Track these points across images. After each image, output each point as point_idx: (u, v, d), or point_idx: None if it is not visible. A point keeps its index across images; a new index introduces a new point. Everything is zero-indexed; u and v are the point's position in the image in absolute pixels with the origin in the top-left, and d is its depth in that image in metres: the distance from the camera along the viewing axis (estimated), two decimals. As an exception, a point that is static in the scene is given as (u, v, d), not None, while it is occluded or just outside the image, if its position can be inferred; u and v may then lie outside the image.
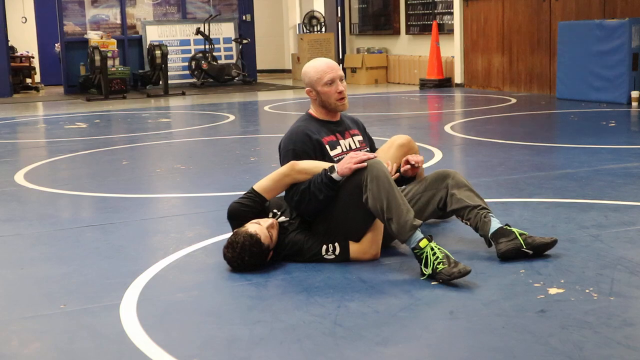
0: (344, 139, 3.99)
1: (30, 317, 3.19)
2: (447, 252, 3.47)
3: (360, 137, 4.08)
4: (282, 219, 3.82)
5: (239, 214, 3.80)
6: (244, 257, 3.59)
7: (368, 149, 4.08)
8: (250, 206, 3.80)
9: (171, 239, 4.34)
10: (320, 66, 3.91)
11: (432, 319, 3.01)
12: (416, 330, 2.92)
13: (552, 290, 3.25)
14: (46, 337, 2.98)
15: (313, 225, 3.83)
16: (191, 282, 3.57)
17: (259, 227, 3.65)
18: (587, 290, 3.24)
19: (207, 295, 3.39)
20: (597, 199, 4.89)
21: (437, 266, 3.39)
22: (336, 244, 3.71)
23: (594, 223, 4.31)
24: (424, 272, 3.44)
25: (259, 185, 3.81)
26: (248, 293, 3.42)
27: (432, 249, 3.44)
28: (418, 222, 3.51)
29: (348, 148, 3.97)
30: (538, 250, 3.69)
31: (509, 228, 3.76)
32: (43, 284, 3.63)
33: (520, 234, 3.72)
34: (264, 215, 3.84)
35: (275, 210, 3.87)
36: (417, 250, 3.48)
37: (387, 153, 4.13)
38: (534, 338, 2.78)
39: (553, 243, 3.73)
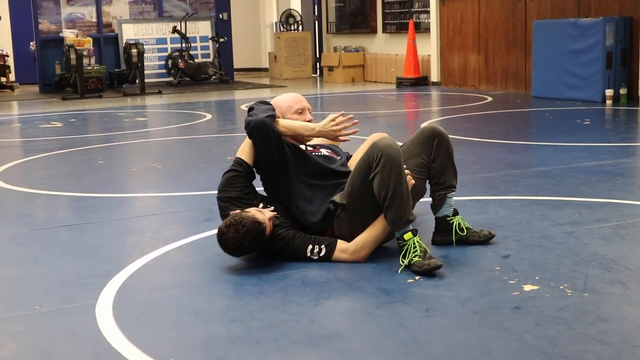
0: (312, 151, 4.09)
1: (5, 318, 3.17)
2: (426, 247, 3.57)
3: (329, 150, 4.14)
4: (273, 213, 3.81)
5: (230, 182, 3.84)
6: (245, 242, 3.57)
7: (339, 157, 4.10)
8: (238, 171, 3.85)
9: (147, 239, 4.32)
10: (290, 98, 4.12)
11: (408, 317, 3.03)
12: (392, 328, 2.93)
13: (527, 287, 3.28)
14: (22, 338, 2.96)
15: (336, 220, 3.78)
16: (168, 282, 3.56)
17: (264, 217, 3.64)
18: (561, 287, 3.27)
19: (183, 295, 3.38)
20: (571, 197, 4.94)
21: (413, 258, 3.50)
22: (322, 246, 3.70)
23: (568, 220, 4.35)
24: (401, 262, 3.55)
25: (240, 152, 3.91)
26: (225, 292, 3.42)
27: (414, 243, 3.54)
28: (414, 216, 3.60)
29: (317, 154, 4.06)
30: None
31: (450, 221, 3.93)
32: (18, 285, 3.61)
33: (459, 230, 3.91)
34: (254, 195, 3.86)
35: (267, 205, 3.85)
36: (400, 241, 3.58)
37: None
38: (509, 334, 2.80)
39: (487, 240, 3.90)
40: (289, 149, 3.86)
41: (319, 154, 4.02)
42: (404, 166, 3.62)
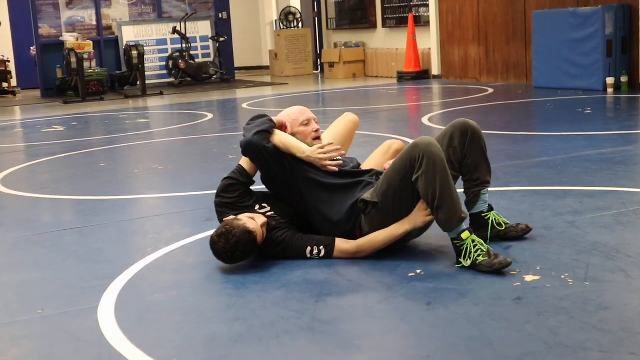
0: None
1: (7, 324, 3.18)
2: (486, 244, 3.48)
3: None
4: (270, 214, 3.81)
5: (227, 189, 3.84)
6: (236, 252, 3.58)
7: (353, 164, 4.01)
8: (237, 179, 3.84)
9: (149, 240, 4.33)
10: (294, 111, 4.04)
11: (409, 311, 3.03)
12: (394, 323, 2.94)
13: (528, 278, 3.28)
14: (24, 342, 2.97)
15: (368, 216, 3.69)
16: (170, 282, 3.57)
17: (256, 225, 3.63)
18: (562, 276, 3.27)
19: (185, 295, 3.39)
20: (572, 186, 4.93)
21: (477, 258, 3.40)
22: (321, 247, 3.70)
23: (569, 209, 4.34)
24: (463, 263, 3.44)
25: (242, 160, 3.89)
26: (226, 291, 3.42)
27: (473, 241, 3.45)
28: (465, 213, 3.52)
29: None
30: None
31: (486, 217, 3.85)
32: (21, 290, 3.62)
33: (496, 225, 3.84)
34: (250, 197, 3.85)
35: (264, 204, 3.85)
36: (457, 241, 3.48)
37: (385, 156, 4.14)
38: (511, 325, 2.80)
39: (525, 234, 3.85)
40: (294, 158, 3.81)
41: None
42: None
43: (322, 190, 3.79)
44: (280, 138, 3.80)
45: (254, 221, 3.65)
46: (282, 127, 3.91)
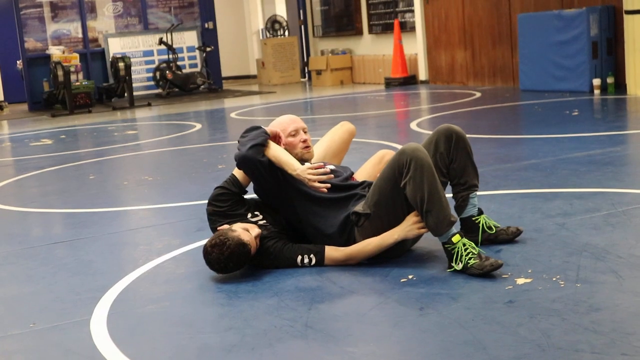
0: None
1: (-1, 338, 3.17)
2: (477, 247, 3.50)
3: (333, 166, 4.04)
4: (262, 222, 3.81)
5: (218, 198, 3.83)
6: (229, 263, 3.59)
7: (344, 173, 3.99)
8: (228, 189, 3.83)
9: (140, 251, 4.32)
10: (283, 120, 4.04)
11: (402, 316, 3.03)
12: (386, 329, 2.94)
13: (520, 281, 3.29)
14: (16, 357, 2.96)
15: (359, 226, 3.69)
16: (161, 293, 3.56)
17: (250, 237, 3.63)
18: (554, 279, 3.28)
19: (177, 306, 3.38)
20: (561, 188, 4.95)
21: (469, 261, 3.41)
22: (311, 256, 3.71)
23: (559, 212, 4.36)
24: (454, 267, 3.46)
25: (235, 170, 3.87)
26: (219, 301, 3.42)
27: (464, 244, 3.46)
28: (455, 217, 3.52)
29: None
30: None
31: (476, 221, 3.86)
32: (12, 304, 3.61)
33: (487, 229, 3.85)
34: (242, 205, 3.85)
35: (256, 212, 3.85)
36: (448, 245, 3.49)
37: (377, 167, 4.13)
38: (503, 329, 2.81)
39: (515, 237, 3.86)
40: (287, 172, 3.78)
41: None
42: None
43: (315, 204, 3.79)
44: (273, 152, 3.76)
45: (248, 233, 3.64)
46: (276, 138, 3.90)
